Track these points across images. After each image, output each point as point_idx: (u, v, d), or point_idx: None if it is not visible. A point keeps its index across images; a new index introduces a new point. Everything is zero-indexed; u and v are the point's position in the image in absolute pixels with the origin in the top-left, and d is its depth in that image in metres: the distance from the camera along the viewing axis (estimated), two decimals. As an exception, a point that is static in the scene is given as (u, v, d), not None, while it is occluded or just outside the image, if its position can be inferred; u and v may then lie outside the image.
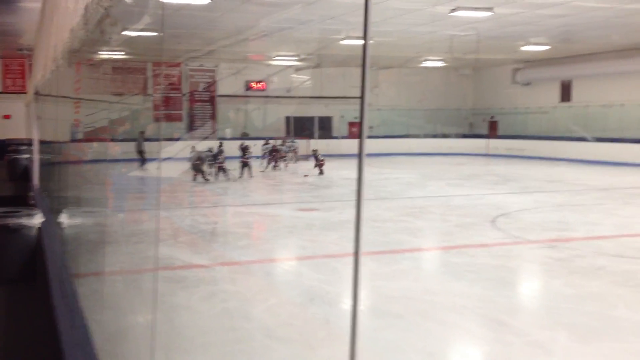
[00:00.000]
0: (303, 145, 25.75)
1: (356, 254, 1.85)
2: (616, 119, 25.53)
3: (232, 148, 19.80)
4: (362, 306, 6.14)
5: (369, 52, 1.87)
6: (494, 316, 5.67)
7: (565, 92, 28.56)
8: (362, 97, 1.81)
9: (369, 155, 16.22)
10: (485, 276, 7.19)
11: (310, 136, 28.03)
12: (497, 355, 4.84)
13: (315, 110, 29.69)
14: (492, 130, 32.21)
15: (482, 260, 8.02)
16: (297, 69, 29.02)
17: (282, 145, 23.67)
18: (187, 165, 17.84)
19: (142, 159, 21.75)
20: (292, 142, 25.20)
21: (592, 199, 14.11)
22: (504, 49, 24.44)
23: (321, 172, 19.14)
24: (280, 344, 4.96)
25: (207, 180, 17.34)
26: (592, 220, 11.31)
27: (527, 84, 30.14)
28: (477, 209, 12.47)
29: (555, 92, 28.87)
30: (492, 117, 32.48)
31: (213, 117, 29.31)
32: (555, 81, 28.79)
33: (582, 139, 25.28)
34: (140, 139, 22.53)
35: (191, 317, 5.71)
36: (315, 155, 19.94)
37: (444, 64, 30.20)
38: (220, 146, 18.90)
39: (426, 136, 31.16)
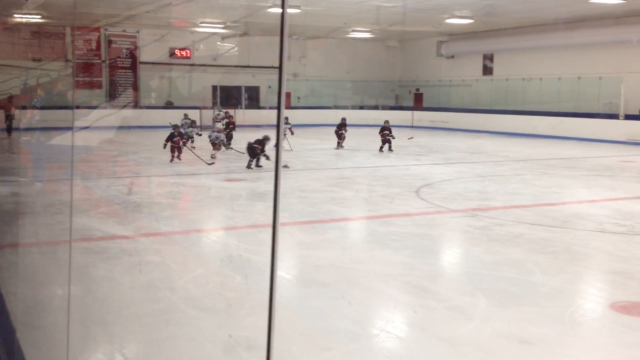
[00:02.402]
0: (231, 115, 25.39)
1: (274, 223, 1.83)
2: (535, 93, 26.47)
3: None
4: (289, 275, 6.18)
5: (287, 22, 1.83)
6: (417, 283, 5.80)
7: (487, 66, 29.32)
8: (280, 67, 1.77)
9: (297, 126, 16.18)
10: (409, 244, 7.34)
11: (237, 106, 27.69)
12: (420, 321, 4.96)
13: (242, 79, 29.31)
14: (417, 102, 32.77)
15: (406, 229, 8.18)
16: (223, 37, 28.48)
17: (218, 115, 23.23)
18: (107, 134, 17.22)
19: (8, 128, 19.92)
20: (220, 111, 24.82)
21: (512, 169, 14.60)
22: (429, 21, 24.77)
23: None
24: (206, 314, 4.91)
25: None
26: (511, 190, 11.72)
27: (451, 57, 30.75)
28: (402, 179, 12.69)
29: (478, 65, 29.60)
30: (417, 89, 33.02)
31: (135, 85, 28.43)
32: (478, 55, 29.50)
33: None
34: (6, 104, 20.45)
35: (113, 288, 5.56)
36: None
37: (371, 36, 30.36)
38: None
39: (353, 107, 31.38)
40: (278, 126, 1.77)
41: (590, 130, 22.91)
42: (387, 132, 17.96)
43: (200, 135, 17.49)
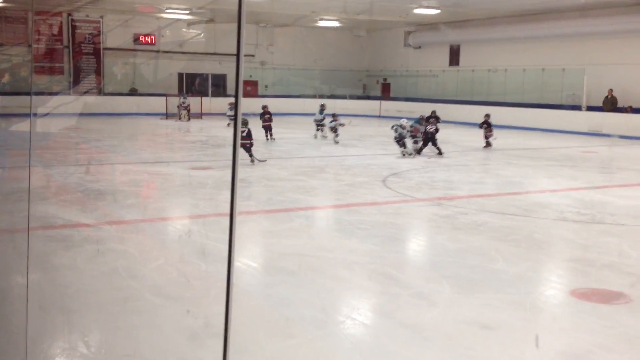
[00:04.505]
0: (196, 102, 25.19)
1: (232, 212, 1.82)
2: (500, 84, 26.78)
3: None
4: (255, 263, 6.16)
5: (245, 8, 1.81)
6: (382, 270, 5.83)
7: (454, 57, 29.55)
8: (237, 55, 1.75)
9: (259, 113, 15.77)
10: (375, 233, 7.38)
11: (203, 94, 27.40)
12: (385, 307, 5.00)
13: (209, 67, 29.00)
14: (385, 92, 32.88)
15: (372, 218, 8.21)
16: (189, 23, 28.12)
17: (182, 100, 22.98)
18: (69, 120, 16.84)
19: None
20: (185, 98, 24.57)
21: (476, 159, 14.77)
22: (396, 11, 24.83)
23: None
24: (170, 302, 4.87)
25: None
26: (476, 179, 11.86)
27: (418, 47, 30.90)
28: (369, 168, 12.74)
29: (445, 56, 29.81)
30: (384, 79, 33.12)
31: (98, 71, 27.93)
32: (444, 45, 29.70)
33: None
34: None
35: (75, 277, 5.47)
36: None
37: (339, 25, 30.32)
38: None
39: (321, 96, 31.31)
40: (236, 115, 1.75)
41: (554, 121, 23.28)
42: (432, 119, 15.91)
43: (343, 125, 17.20)
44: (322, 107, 18.77)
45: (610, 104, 22.34)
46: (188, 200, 9.39)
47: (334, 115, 17.43)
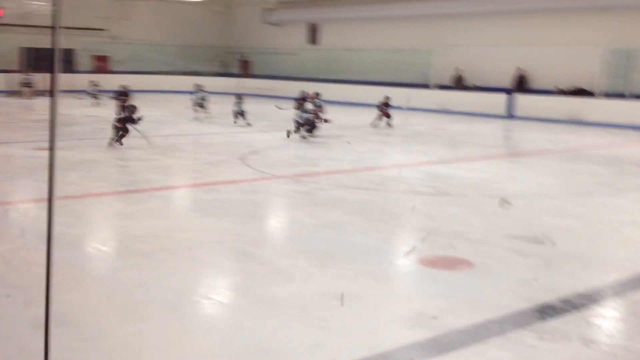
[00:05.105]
0: (41, 80, 23.58)
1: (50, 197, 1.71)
2: (357, 63, 27.46)
3: None
4: (105, 247, 5.89)
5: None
6: (240, 248, 5.80)
7: (313, 35, 29.89)
8: (53, 27, 1.62)
9: (115, 91, 15.15)
10: (233, 211, 7.33)
11: (49, 70, 25.67)
12: (242, 285, 4.98)
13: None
14: (244, 70, 32.62)
15: (230, 196, 8.15)
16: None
17: None
18: None
19: None
20: (29, 75, 22.91)
21: (334, 136, 15.08)
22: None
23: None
24: (12, 291, 4.52)
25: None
26: (333, 155, 12.13)
27: (277, 24, 30.92)
28: (228, 146, 12.62)
29: (304, 34, 30.08)
30: (244, 56, 32.85)
31: None
32: (303, 24, 29.95)
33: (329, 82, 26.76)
34: None
35: None
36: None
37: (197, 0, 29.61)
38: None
39: (177, 73, 30.43)
40: (52, 92, 1.62)
41: (407, 99, 24.26)
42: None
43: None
44: (199, 87, 18.34)
45: (458, 83, 23.72)
46: (31, 182, 8.76)
47: (239, 97, 16.97)
